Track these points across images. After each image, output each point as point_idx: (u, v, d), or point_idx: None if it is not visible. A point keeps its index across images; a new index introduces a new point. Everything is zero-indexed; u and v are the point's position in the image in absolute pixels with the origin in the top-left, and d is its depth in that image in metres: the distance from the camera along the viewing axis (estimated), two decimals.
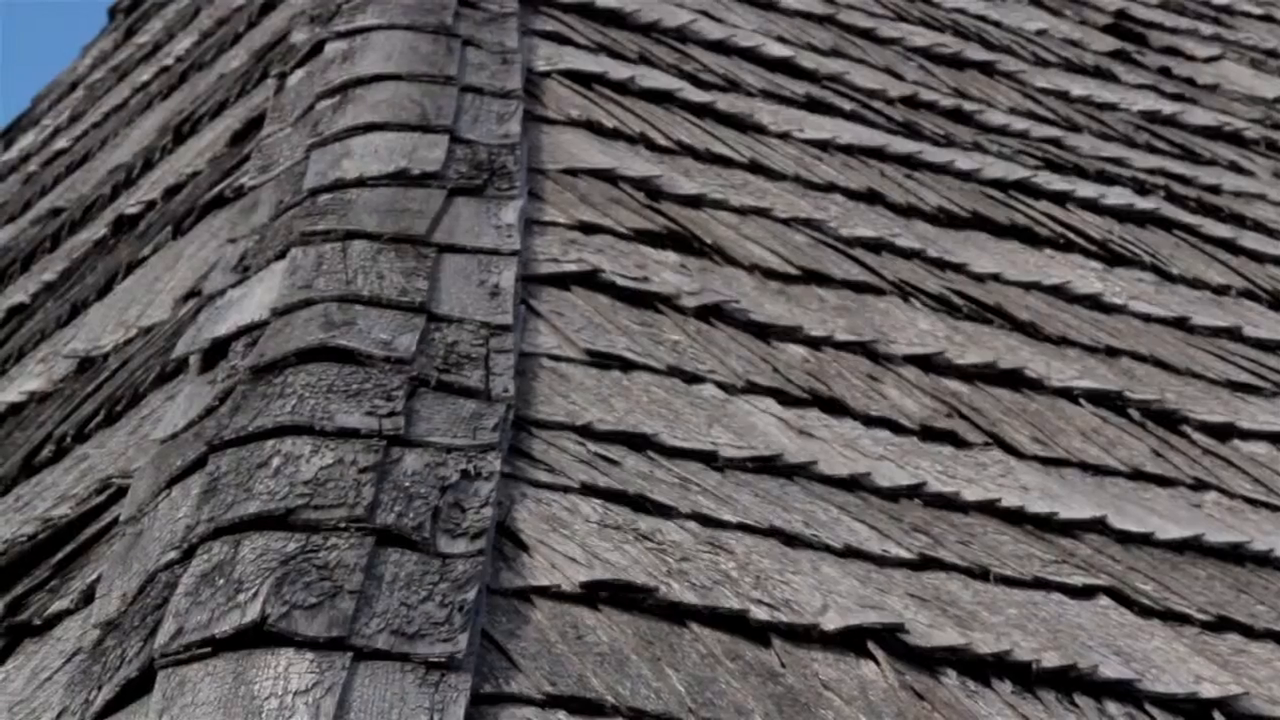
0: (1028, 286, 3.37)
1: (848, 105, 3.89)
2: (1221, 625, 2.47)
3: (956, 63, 4.37)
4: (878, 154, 3.71)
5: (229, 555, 1.95)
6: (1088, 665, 2.23)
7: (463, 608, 1.92)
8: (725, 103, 3.67)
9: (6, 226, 4.86)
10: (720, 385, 2.67)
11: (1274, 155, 4.52)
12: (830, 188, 3.48)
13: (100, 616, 2.03)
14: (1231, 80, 4.92)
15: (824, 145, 3.67)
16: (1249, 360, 3.39)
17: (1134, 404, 3.06)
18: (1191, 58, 5.00)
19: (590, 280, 2.83)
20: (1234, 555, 2.68)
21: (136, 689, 1.82)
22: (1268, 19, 5.61)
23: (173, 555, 2.01)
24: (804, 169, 3.52)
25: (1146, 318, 3.42)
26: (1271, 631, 2.49)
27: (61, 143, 5.24)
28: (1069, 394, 3.03)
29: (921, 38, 4.44)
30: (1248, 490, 2.90)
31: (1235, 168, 4.33)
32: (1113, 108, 4.43)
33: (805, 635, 2.13)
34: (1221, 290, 3.65)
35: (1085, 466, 2.80)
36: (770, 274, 3.07)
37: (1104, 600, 2.43)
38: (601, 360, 2.62)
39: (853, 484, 2.52)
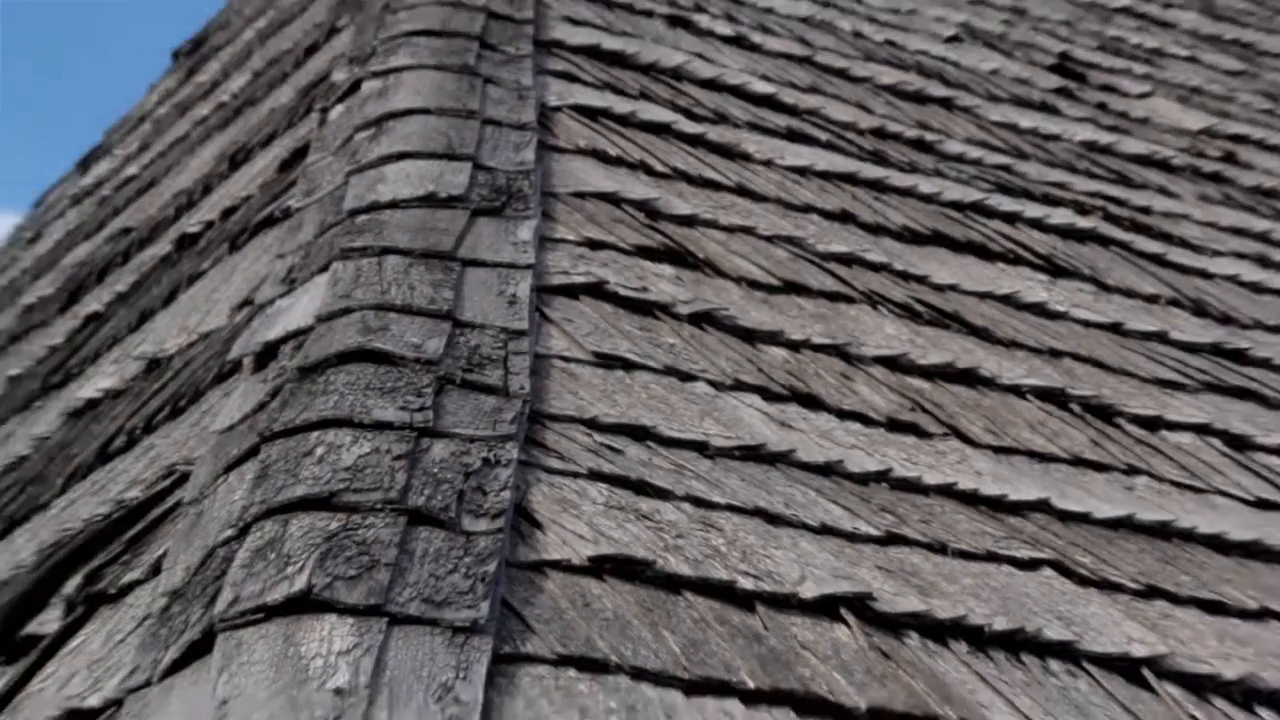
0: (982, 296, 3.37)
1: (823, 136, 3.89)
2: (1150, 593, 2.47)
3: (919, 98, 4.37)
4: (850, 179, 3.72)
5: (279, 533, 1.95)
6: (1033, 628, 2.24)
7: (485, 579, 1.93)
8: (715, 134, 3.68)
9: (83, 244, 4.87)
10: (711, 383, 2.68)
11: (1198, 180, 4.52)
12: (808, 209, 3.49)
13: (167, 586, 2.04)
14: (1161, 114, 4.93)
15: (802, 171, 3.67)
16: (1175, 361, 3.40)
17: (1074, 399, 3.06)
18: (1126, 94, 5.01)
19: (596, 291, 2.84)
20: (1161, 532, 2.68)
21: (199, 650, 1.82)
22: (1193, 60, 5.62)
23: (230, 533, 2.01)
24: (785, 192, 3.53)
25: (1086, 323, 3.42)
26: (1194, 599, 2.50)
27: (131, 170, 5.25)
28: (1017, 390, 3.03)
29: (889, 76, 4.44)
30: (1174, 475, 2.91)
31: (1164, 191, 4.34)
32: (1056, 138, 4.43)
33: (785, 602, 2.13)
34: (1151, 299, 3.66)
35: (1031, 454, 2.81)
36: (755, 285, 3.08)
37: (1047, 571, 2.43)
38: (606, 361, 2.62)
39: (827, 470, 2.53)
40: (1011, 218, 3.81)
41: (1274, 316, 3.79)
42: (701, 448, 2.47)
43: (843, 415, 2.72)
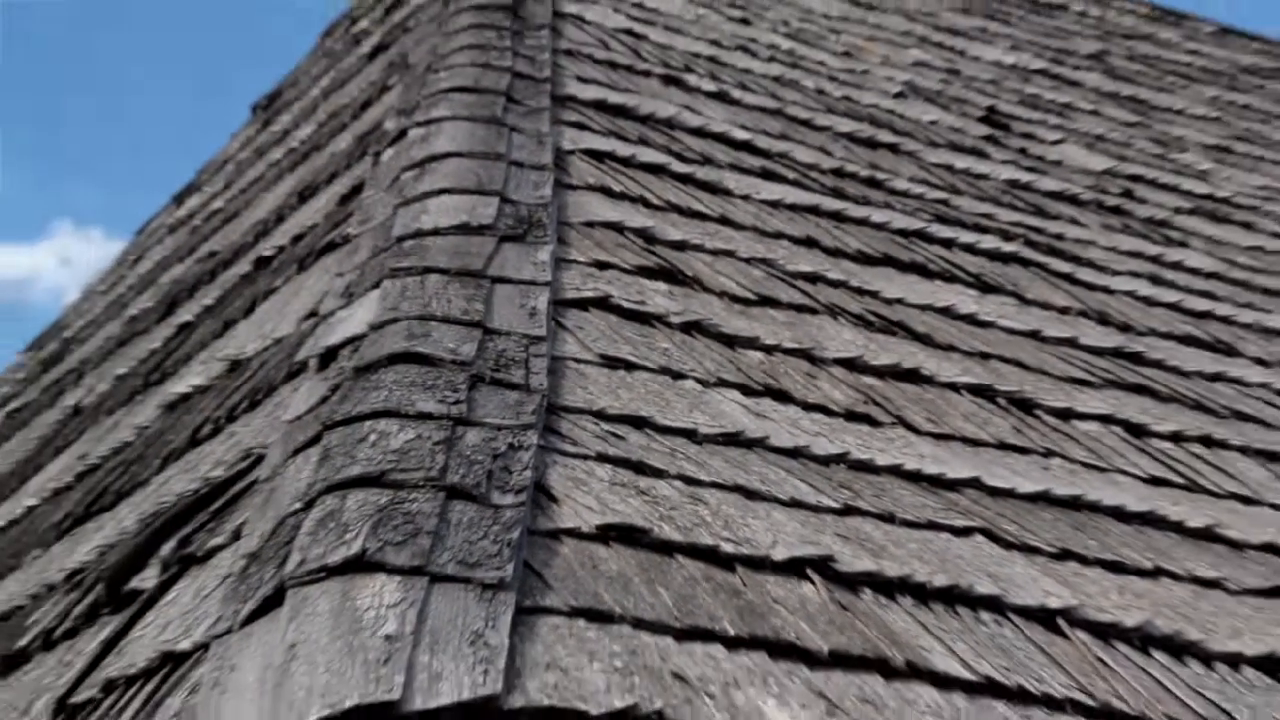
0: (923, 308, 3.37)
1: (791, 175, 3.89)
2: (1063, 555, 2.46)
3: (871, 144, 4.37)
4: (814, 210, 3.72)
5: (338, 506, 1.95)
6: (966, 584, 2.23)
7: (510, 544, 1.92)
8: (702, 173, 3.68)
9: (177, 265, 4.87)
10: (698, 381, 2.67)
11: (1101, 213, 4.52)
12: (779, 235, 3.49)
13: (245, 550, 2.03)
14: (1070, 158, 4.93)
15: (774, 204, 3.67)
16: (1083, 362, 3.39)
17: (1000, 394, 3.06)
18: (1042, 141, 5.01)
19: (603, 304, 2.83)
20: (1073, 505, 2.68)
21: (271, 603, 1.82)
22: (1096, 113, 5.61)
23: (297, 505, 2.01)
24: (759, 221, 3.52)
25: (1009, 331, 3.42)
26: (1099, 560, 2.49)
27: (217, 204, 5.25)
28: (953, 387, 3.03)
29: (846, 125, 4.44)
30: (1082, 457, 2.90)
31: (1074, 221, 4.33)
32: (985, 177, 4.43)
33: (760, 564, 2.13)
34: (1063, 311, 3.65)
35: (965, 440, 2.80)
36: (735, 299, 3.07)
37: (978, 537, 2.43)
38: (611, 362, 2.62)
39: (795, 453, 2.52)
40: (948, 243, 3.81)
41: (1164, 325, 3.78)
42: (691, 434, 2.46)
43: (808, 407, 2.72)
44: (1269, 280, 4.39)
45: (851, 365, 2.96)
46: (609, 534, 2.07)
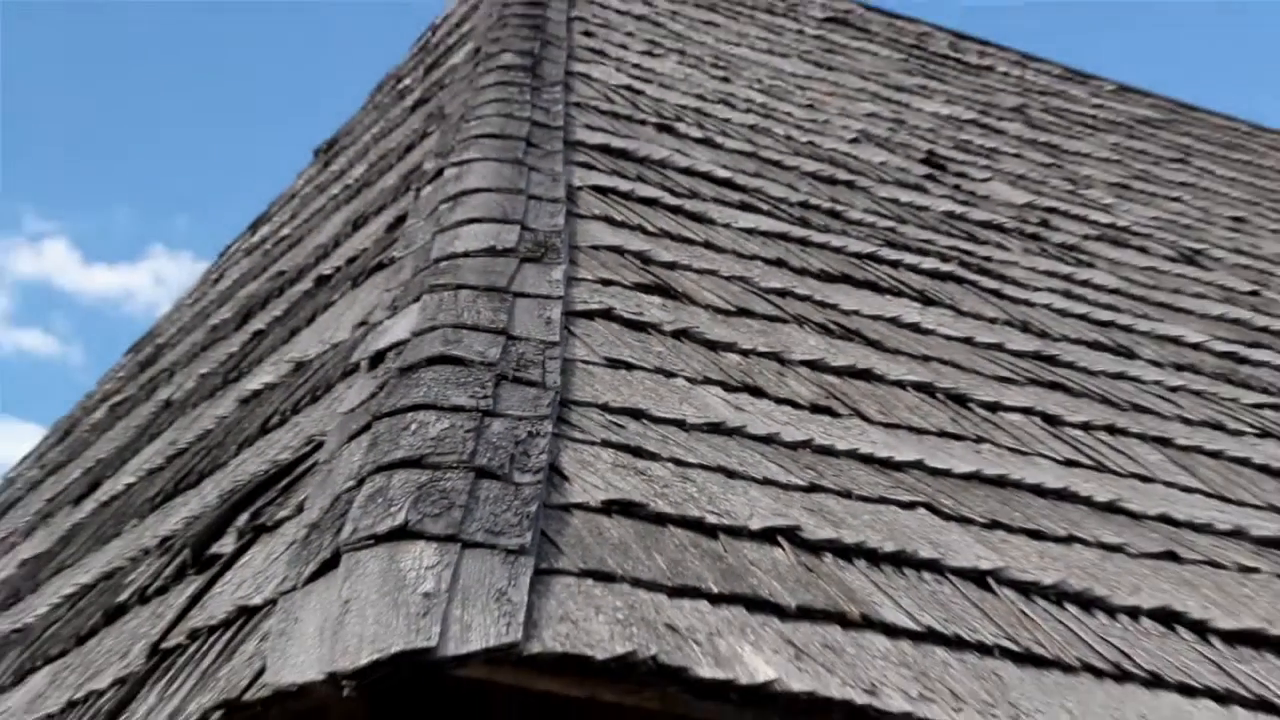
0: (875, 318, 3.36)
1: (765, 207, 3.89)
2: (992, 525, 2.46)
3: (831, 181, 4.36)
4: (783, 237, 3.71)
5: (385, 484, 1.94)
6: (911, 550, 2.23)
7: (529, 516, 1.91)
8: (689, 205, 3.67)
9: (252, 282, 4.87)
10: (687, 379, 2.67)
11: (1023, 239, 4.51)
12: (754, 257, 3.48)
13: (307, 520, 2.03)
14: (997, 193, 4.92)
15: (750, 231, 3.67)
16: (1008, 363, 3.39)
17: (939, 390, 3.05)
18: (973, 179, 5.00)
19: (606, 315, 2.83)
20: (1000, 483, 2.67)
21: (329, 566, 1.81)
22: (1018, 156, 5.61)
23: (350, 484, 2.00)
24: (738, 246, 3.52)
25: (947, 337, 3.42)
26: (1023, 529, 2.48)
27: (285, 231, 5.25)
28: (900, 384, 3.02)
29: (810, 166, 4.43)
30: (1008, 443, 2.90)
31: (1000, 246, 4.33)
32: (926, 209, 4.43)
33: (739, 532, 2.12)
34: (992, 320, 3.65)
35: (910, 428, 2.80)
36: (717, 310, 3.07)
37: (921, 510, 2.42)
38: (613, 364, 2.61)
39: (769, 440, 2.52)
40: (895, 264, 3.81)
41: (1075, 333, 3.78)
42: (680, 424, 2.46)
43: (779, 401, 2.71)
44: (1161, 295, 4.40)
45: (815, 366, 2.95)
46: (612, 507, 2.06)
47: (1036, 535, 2.48)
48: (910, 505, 2.42)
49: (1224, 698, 2.13)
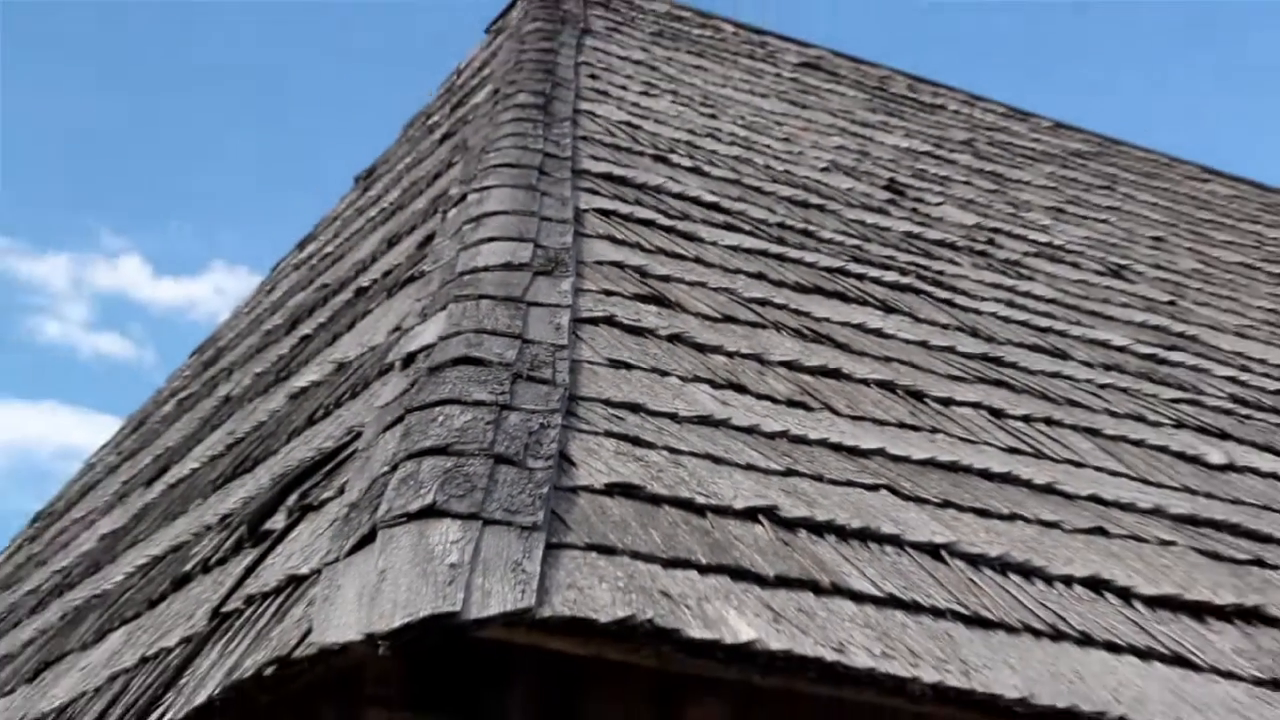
0: (843, 324, 3.36)
1: (747, 227, 3.88)
2: (945, 505, 2.46)
3: (804, 205, 4.36)
4: (763, 253, 3.71)
5: (415, 469, 1.93)
6: (875, 526, 2.22)
7: (541, 497, 1.91)
8: (681, 226, 3.67)
9: (300, 293, 4.86)
10: (679, 378, 2.66)
11: (972, 255, 4.51)
12: (738, 271, 3.48)
13: (348, 501, 2.02)
14: (949, 216, 4.92)
15: (734, 249, 3.66)
16: (959, 364, 3.39)
17: (899, 387, 3.05)
18: (929, 203, 5.00)
19: (609, 322, 2.82)
20: (952, 468, 2.67)
21: (366, 540, 1.80)
22: (968, 183, 5.60)
23: (385, 469, 1.99)
24: (724, 261, 3.52)
25: (906, 341, 3.41)
26: (972, 508, 2.48)
27: (329, 248, 5.24)
28: (865, 382, 3.02)
29: (786, 191, 4.43)
30: (959, 433, 2.89)
31: (952, 262, 4.32)
32: (888, 229, 4.42)
33: (725, 511, 2.12)
34: (945, 326, 3.65)
35: (874, 420, 2.79)
36: (706, 317, 3.07)
37: (884, 492, 2.41)
38: (615, 364, 2.61)
39: (750, 430, 2.51)
40: (860, 277, 3.80)
41: (1017, 337, 3.78)
42: (673, 416, 2.45)
43: (759, 397, 2.71)
44: (1091, 304, 4.39)
45: (791, 366, 2.95)
46: (613, 490, 2.06)
47: (983, 513, 2.48)
48: (874, 487, 2.42)
49: (1145, 654, 2.14)
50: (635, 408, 2.43)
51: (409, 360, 2.53)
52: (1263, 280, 5.59)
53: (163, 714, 1.96)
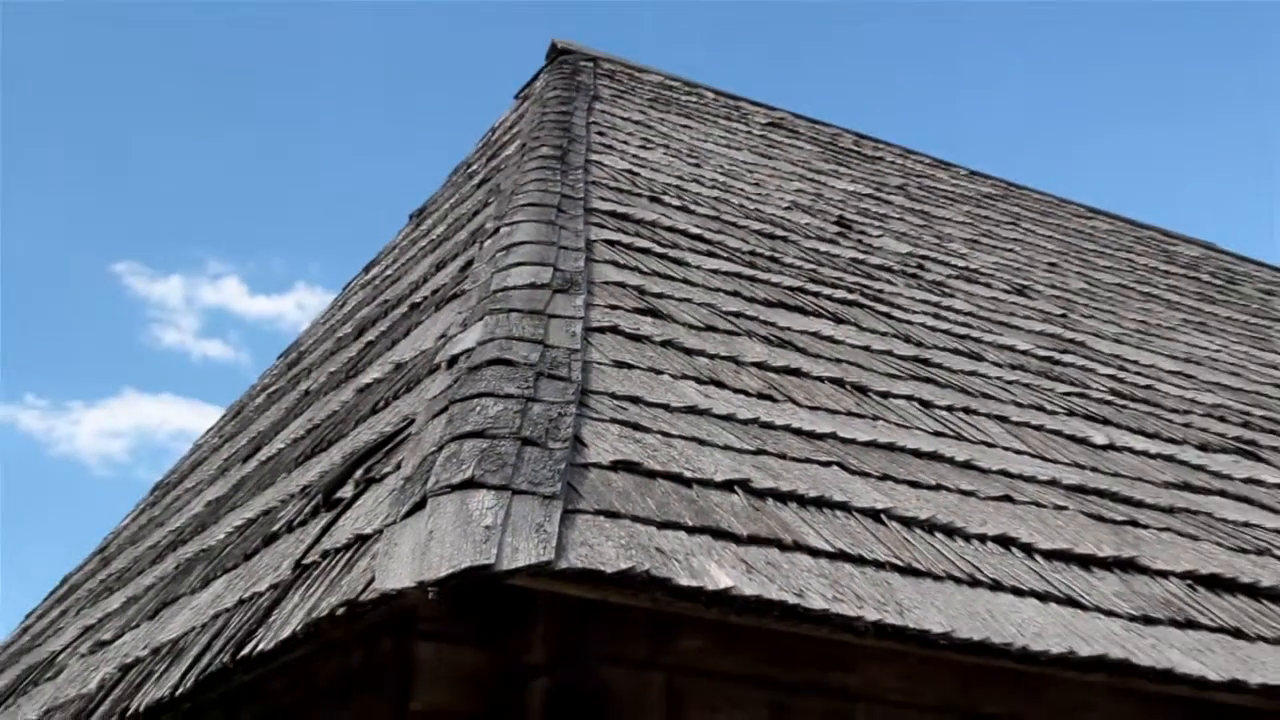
0: (802, 333, 3.35)
1: (725, 254, 3.87)
2: (884, 478, 2.45)
3: (771, 236, 4.35)
4: (737, 275, 3.69)
5: (458, 449, 1.93)
6: (829, 495, 2.22)
7: (559, 472, 1.90)
8: (671, 254, 3.65)
9: (365, 308, 4.84)
10: (670, 376, 2.65)
11: (905, 277, 4.50)
12: (718, 290, 3.46)
13: (403, 475, 2.01)
14: (888, 245, 4.90)
15: (714, 271, 3.65)
16: (896, 364, 3.37)
17: (847, 383, 3.04)
18: (871, 235, 4.99)
19: (614, 331, 2.81)
20: (890, 448, 2.66)
21: (418, 506, 1.80)
22: (901, 219, 5.59)
23: (433, 449, 1.98)
24: (705, 281, 3.50)
25: (853, 345, 3.40)
26: (905, 480, 2.47)
27: (389, 271, 5.21)
28: (820, 379, 3.01)
29: (756, 225, 4.41)
30: (895, 420, 2.88)
31: (889, 282, 4.31)
32: (837, 256, 4.41)
33: (707, 483, 2.11)
34: (884, 334, 3.63)
35: (827, 410, 2.78)
36: (693, 327, 3.05)
37: (835, 468, 2.41)
38: (618, 364, 2.60)
39: (728, 418, 2.50)
40: (816, 294, 3.79)
41: (942, 343, 3.76)
42: (666, 407, 2.44)
43: (735, 391, 2.70)
44: (999, 317, 4.38)
45: (761, 366, 2.94)
46: (617, 466, 2.05)
47: (914, 484, 2.47)
48: (827, 464, 2.41)
49: (1043, 596, 2.13)
50: (635, 399, 2.42)
51: (453, 361, 2.52)
52: (1135, 298, 5.60)
53: (256, 645, 1.95)
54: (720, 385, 2.70)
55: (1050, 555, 2.32)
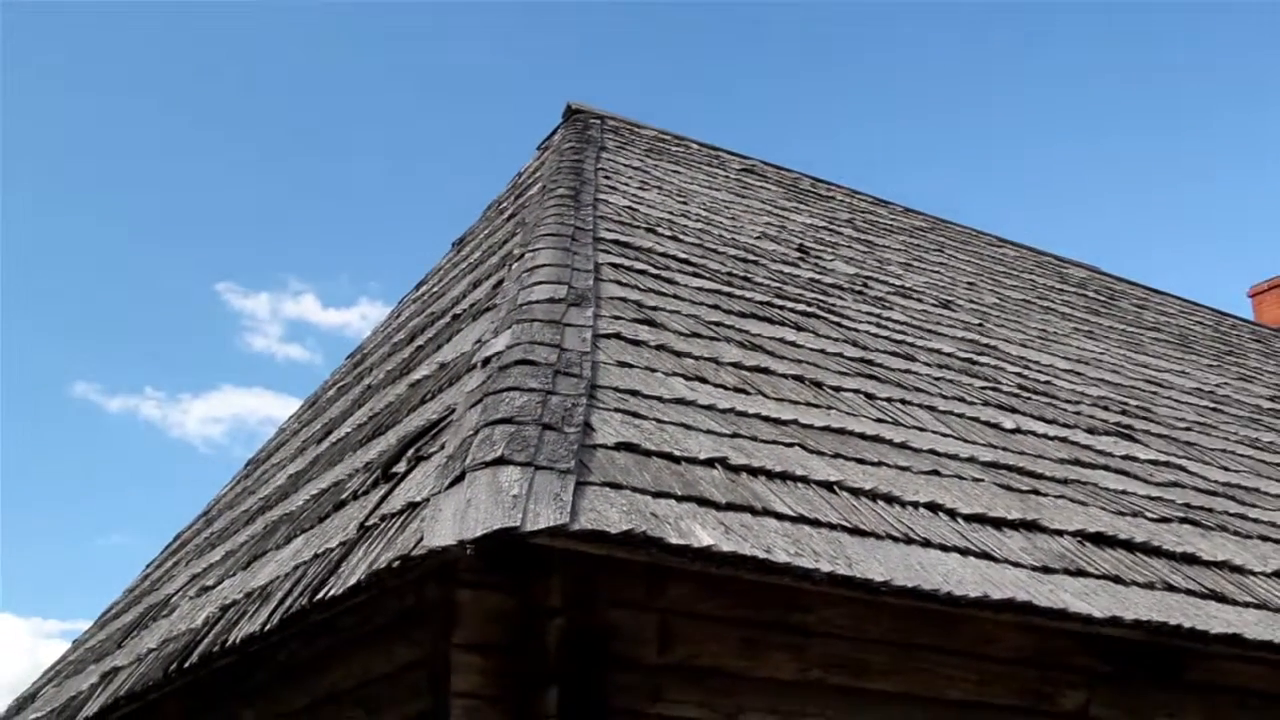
0: (770, 339, 3.34)
1: (707, 274, 3.86)
2: (836, 456, 2.44)
3: (745, 260, 4.34)
4: (717, 292, 3.68)
5: (491, 434, 1.92)
6: (792, 470, 2.22)
7: (573, 452, 1.90)
8: (665, 274, 3.64)
9: (415, 319, 4.82)
10: (664, 374, 2.65)
11: (854, 294, 4.49)
12: (701, 303, 3.45)
13: (446, 454, 2.01)
14: (839, 268, 4.90)
15: (699, 289, 3.64)
16: (846, 364, 3.37)
17: (806, 379, 3.03)
18: (826, 260, 4.98)
19: (617, 336, 2.80)
20: (841, 433, 2.65)
21: (459, 479, 1.79)
22: (849, 247, 5.58)
23: (470, 433, 1.98)
24: (691, 297, 3.49)
25: (811, 349, 3.39)
26: (854, 458, 2.47)
27: (435, 288, 5.20)
28: (785, 376, 3.00)
29: (733, 251, 4.41)
30: (845, 409, 2.88)
31: (840, 299, 4.30)
32: (799, 276, 4.40)
33: (693, 460, 2.11)
34: (836, 340, 3.63)
35: (790, 400, 2.78)
36: (680, 334, 3.04)
37: (797, 448, 2.40)
38: (621, 364, 2.59)
39: (710, 407, 2.50)
40: (781, 307, 3.78)
41: (884, 347, 3.75)
42: (659, 399, 2.44)
43: (716, 386, 2.69)
44: (929, 325, 4.37)
45: (736, 366, 2.93)
46: (620, 447, 2.05)
47: (861, 461, 2.46)
48: (790, 445, 2.41)
49: (963, 551, 2.13)
50: (634, 393, 2.41)
51: (486, 362, 2.51)
52: (1036, 311, 5.60)
53: (328, 590, 1.95)
54: (703, 381, 2.70)
55: (970, 518, 2.32)
